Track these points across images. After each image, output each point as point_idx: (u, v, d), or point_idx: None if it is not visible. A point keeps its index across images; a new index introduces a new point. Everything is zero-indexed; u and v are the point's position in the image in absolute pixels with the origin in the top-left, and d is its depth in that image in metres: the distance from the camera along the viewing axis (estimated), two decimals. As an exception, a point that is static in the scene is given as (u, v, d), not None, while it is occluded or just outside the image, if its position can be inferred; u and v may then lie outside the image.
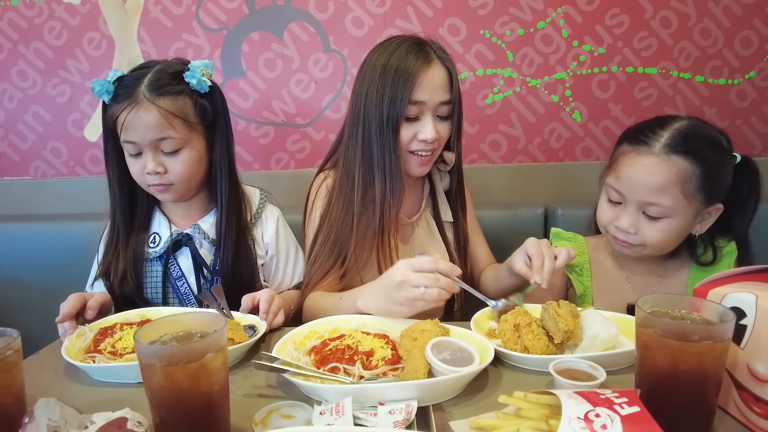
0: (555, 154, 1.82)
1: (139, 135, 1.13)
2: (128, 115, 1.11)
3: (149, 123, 1.12)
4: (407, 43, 1.18)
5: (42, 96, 1.78)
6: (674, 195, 1.05)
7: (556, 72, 1.76)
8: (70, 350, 0.93)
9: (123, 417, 0.70)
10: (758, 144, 1.82)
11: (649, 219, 1.09)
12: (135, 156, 1.17)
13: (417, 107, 1.15)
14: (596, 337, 0.92)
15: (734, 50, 1.75)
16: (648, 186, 1.05)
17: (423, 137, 1.16)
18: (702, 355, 0.67)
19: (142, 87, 1.13)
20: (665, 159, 1.05)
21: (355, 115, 1.21)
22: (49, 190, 1.82)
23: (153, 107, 1.12)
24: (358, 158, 1.20)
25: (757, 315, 0.72)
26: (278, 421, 0.76)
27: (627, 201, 1.10)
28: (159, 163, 1.15)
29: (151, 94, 1.12)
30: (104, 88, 1.14)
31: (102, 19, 1.73)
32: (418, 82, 1.13)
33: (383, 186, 1.18)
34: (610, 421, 0.60)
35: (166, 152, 1.16)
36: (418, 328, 0.91)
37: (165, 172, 1.16)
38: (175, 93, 1.14)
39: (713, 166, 1.06)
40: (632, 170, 1.08)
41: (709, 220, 1.12)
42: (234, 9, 1.72)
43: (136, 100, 1.12)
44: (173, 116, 1.13)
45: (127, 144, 1.15)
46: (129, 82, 1.15)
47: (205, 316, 0.73)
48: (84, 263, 1.38)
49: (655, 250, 1.14)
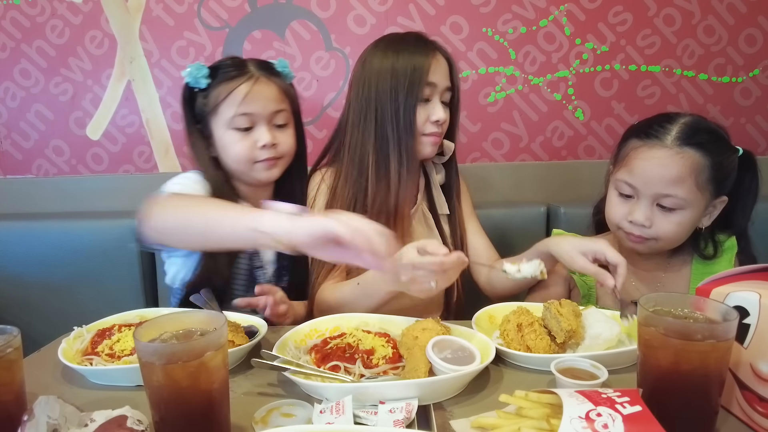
0: (558, 153, 1.81)
1: (260, 106, 1.18)
2: (250, 87, 1.17)
3: (270, 95, 1.20)
4: (410, 37, 1.25)
5: (44, 94, 1.78)
6: (689, 187, 1.06)
7: (558, 70, 1.75)
8: (67, 352, 0.92)
9: (123, 415, 0.70)
10: (762, 142, 1.81)
11: (664, 212, 1.09)
12: (245, 131, 1.19)
13: (430, 89, 1.20)
14: (598, 336, 0.92)
15: (738, 48, 1.73)
16: (663, 178, 1.06)
17: (435, 118, 1.21)
18: (705, 355, 0.67)
19: (252, 66, 1.21)
20: (678, 151, 1.06)
21: (362, 103, 1.23)
22: (51, 188, 1.82)
23: (271, 81, 1.21)
24: (371, 143, 1.23)
25: (760, 314, 0.71)
26: (278, 419, 0.76)
27: (641, 195, 1.10)
28: (274, 136, 1.20)
29: (264, 71, 1.22)
30: (201, 73, 1.19)
31: (104, 18, 1.73)
32: (431, 66, 1.19)
33: (399, 166, 1.21)
34: (611, 421, 0.60)
35: (277, 127, 1.22)
36: (419, 326, 0.91)
37: (277, 144, 1.21)
38: (278, 74, 1.25)
39: (721, 157, 1.08)
40: (646, 163, 1.08)
41: (714, 213, 1.13)
42: (236, 7, 1.72)
43: (254, 76, 1.19)
44: (285, 92, 1.24)
45: (241, 117, 1.18)
46: (235, 63, 1.22)
47: (205, 314, 0.73)
48: (86, 262, 1.39)
49: (668, 244, 1.14)
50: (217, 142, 1.22)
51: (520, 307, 0.99)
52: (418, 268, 0.91)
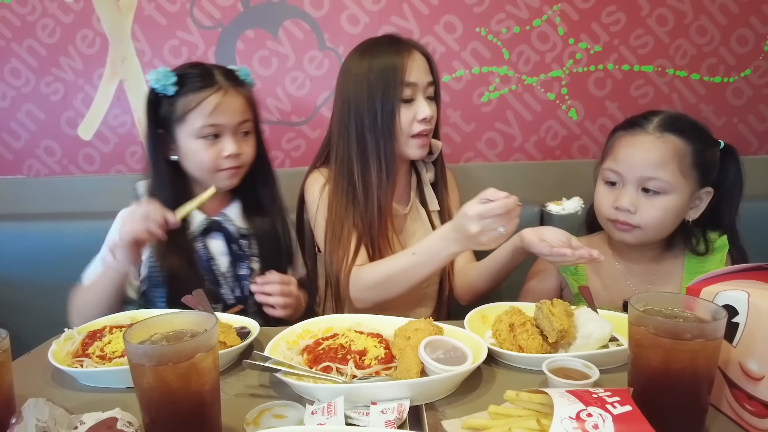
0: (551, 152, 1.82)
1: (228, 117, 1.21)
2: (219, 99, 1.19)
3: (237, 107, 1.22)
4: (383, 40, 1.27)
5: (35, 94, 1.77)
6: (672, 171, 1.09)
7: (552, 70, 1.75)
8: (57, 354, 0.91)
9: (113, 417, 0.70)
10: (755, 142, 1.82)
11: (648, 196, 1.12)
12: (211, 140, 1.21)
13: (410, 89, 1.22)
14: (590, 336, 0.92)
15: (731, 48, 1.74)
16: (647, 161, 1.10)
17: (422, 116, 1.23)
18: (694, 354, 0.67)
19: (219, 76, 1.23)
20: (659, 136, 1.11)
21: (343, 114, 1.26)
22: (42, 188, 1.80)
23: (238, 92, 1.24)
24: (354, 152, 1.25)
25: (749, 313, 0.72)
26: (270, 420, 0.76)
27: (626, 180, 1.13)
28: (239, 146, 1.23)
29: (232, 82, 1.23)
30: (169, 81, 1.20)
31: (95, 17, 1.71)
32: (407, 65, 1.21)
33: (378, 171, 1.24)
34: (601, 421, 0.60)
35: (241, 136, 1.25)
36: (412, 327, 0.91)
37: (241, 153, 1.24)
38: (243, 84, 1.27)
39: (702, 144, 1.12)
40: (630, 149, 1.13)
41: (701, 206, 1.16)
42: (229, 6, 1.71)
43: (223, 87, 1.21)
44: (250, 102, 1.27)
45: (208, 128, 1.20)
46: (202, 72, 1.23)
47: (196, 315, 0.73)
48: (78, 262, 1.37)
49: (654, 232, 1.15)
50: (181, 149, 1.24)
51: (512, 307, 0.99)
52: (486, 217, 0.98)
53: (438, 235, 1.11)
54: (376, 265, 1.20)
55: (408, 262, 1.14)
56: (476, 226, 1.00)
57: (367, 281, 1.19)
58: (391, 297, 1.18)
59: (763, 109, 1.79)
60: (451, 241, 1.07)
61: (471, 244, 1.05)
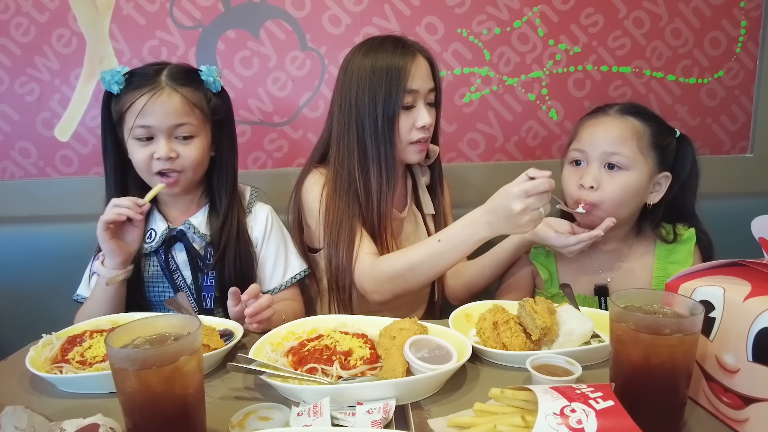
0: (532, 152, 1.84)
1: (157, 119, 1.16)
2: (149, 99, 1.15)
3: (170, 108, 1.17)
4: (388, 41, 1.25)
5: (9, 95, 1.72)
6: (631, 148, 1.17)
7: (532, 71, 1.77)
8: (35, 360, 0.89)
9: (95, 423, 0.68)
10: (728, 142, 1.87)
11: (610, 172, 1.18)
12: (144, 142, 1.18)
13: (411, 96, 1.22)
14: (572, 333, 0.93)
15: (704, 50, 1.79)
16: (608, 138, 1.18)
17: (422, 123, 1.23)
18: (673, 348, 0.69)
19: (163, 76, 1.18)
20: (619, 117, 1.21)
21: (345, 117, 1.24)
22: (17, 191, 1.76)
23: (176, 93, 1.18)
24: (355, 156, 1.24)
25: (725, 308, 0.74)
26: (256, 423, 0.75)
27: (590, 158, 1.20)
28: (172, 149, 1.18)
29: (174, 83, 1.18)
30: (114, 79, 1.17)
31: (72, 16, 1.68)
32: (411, 72, 1.20)
33: (378, 177, 1.23)
34: (585, 416, 0.61)
35: (180, 139, 1.20)
36: (397, 326, 0.91)
37: (177, 157, 1.19)
38: (194, 85, 1.22)
39: (659, 128, 1.21)
40: (592, 129, 1.22)
41: (660, 191, 1.22)
42: (209, 6, 1.69)
43: (159, 86, 1.17)
44: (192, 105, 1.19)
45: (139, 129, 1.17)
46: (147, 71, 1.19)
47: (179, 318, 0.72)
48: (56, 267, 1.35)
49: (612, 207, 1.17)
50: (127, 149, 1.22)
51: (495, 305, 1.00)
52: (531, 194, 0.98)
53: (466, 220, 1.08)
54: (398, 254, 1.17)
55: (433, 249, 1.11)
56: (520, 204, 0.98)
57: (389, 271, 1.15)
58: (412, 288, 1.16)
59: (736, 109, 1.84)
60: (482, 225, 1.05)
61: (508, 226, 1.02)
